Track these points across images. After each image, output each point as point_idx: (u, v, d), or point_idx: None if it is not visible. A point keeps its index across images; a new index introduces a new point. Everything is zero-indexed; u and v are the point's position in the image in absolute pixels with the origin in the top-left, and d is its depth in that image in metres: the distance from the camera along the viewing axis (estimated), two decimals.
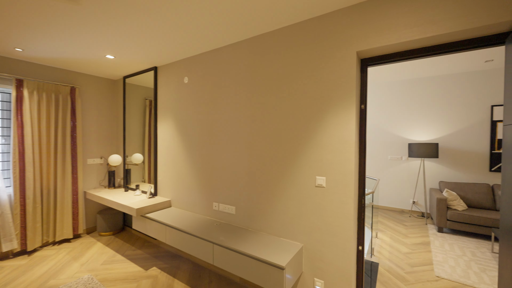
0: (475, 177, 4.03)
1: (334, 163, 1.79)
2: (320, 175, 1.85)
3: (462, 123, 4.14)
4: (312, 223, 1.90)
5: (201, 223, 2.44)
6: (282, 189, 2.06)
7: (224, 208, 2.46)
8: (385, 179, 4.90)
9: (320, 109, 1.85)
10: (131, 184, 3.61)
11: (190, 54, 2.72)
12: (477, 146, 4.01)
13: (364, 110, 1.83)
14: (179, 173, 2.90)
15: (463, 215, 3.45)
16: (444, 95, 4.28)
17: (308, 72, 1.91)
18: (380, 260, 2.80)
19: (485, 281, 2.36)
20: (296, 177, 1.98)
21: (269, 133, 2.13)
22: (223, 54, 2.46)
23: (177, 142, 2.93)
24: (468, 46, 1.48)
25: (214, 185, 2.55)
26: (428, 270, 2.58)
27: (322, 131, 1.84)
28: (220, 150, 2.49)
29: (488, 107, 3.94)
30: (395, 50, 1.68)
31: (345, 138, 1.74)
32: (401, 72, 4.22)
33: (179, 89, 2.90)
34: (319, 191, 1.86)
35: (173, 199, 2.99)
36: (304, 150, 1.93)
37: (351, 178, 1.71)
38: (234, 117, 2.37)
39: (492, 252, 2.99)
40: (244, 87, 2.30)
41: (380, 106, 4.93)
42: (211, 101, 2.57)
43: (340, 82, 1.76)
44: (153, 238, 3.12)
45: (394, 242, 3.34)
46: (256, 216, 2.23)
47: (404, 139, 4.69)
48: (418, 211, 4.58)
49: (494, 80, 3.88)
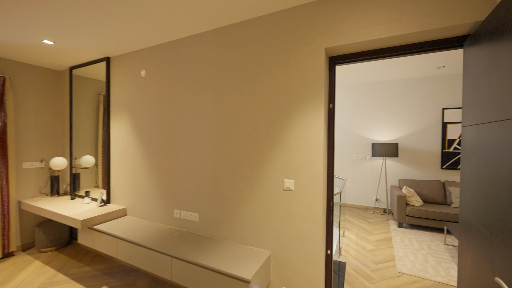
0: (429, 174, 4.36)
1: (302, 165, 1.69)
2: (288, 177, 1.74)
3: (418, 125, 4.45)
4: (280, 229, 1.78)
5: (160, 233, 2.18)
6: (249, 193, 1.91)
7: (187, 215, 2.23)
8: (351, 178, 5.07)
9: (288, 108, 1.74)
10: (80, 191, 3.15)
11: (148, 44, 2.43)
12: (431, 145, 4.35)
13: (333, 110, 1.77)
14: (136, 177, 2.59)
15: (420, 210, 3.69)
16: (403, 98, 4.56)
17: (276, 68, 1.79)
18: (348, 260, 2.83)
19: (440, 273, 2.50)
20: (264, 180, 1.85)
21: (236, 133, 1.97)
22: (185, 45, 2.23)
23: (133, 143, 2.61)
24: (430, 48, 1.50)
25: (176, 191, 2.31)
26: (391, 266, 2.67)
27: (290, 131, 1.74)
28: (182, 151, 2.26)
29: (440, 110, 4.28)
30: (363, 49, 1.65)
31: (313, 139, 1.66)
32: (365, 75, 4.39)
33: (135, 83, 2.59)
34: (287, 194, 1.75)
35: (129, 207, 2.66)
36: (272, 151, 1.81)
37: (320, 180, 1.64)
38: (198, 115, 2.16)
39: (445, 244, 3.23)
40: (208, 83, 2.10)
41: (346, 107, 5.10)
42: (172, 97, 2.32)
43: (308, 79, 1.67)
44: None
45: (359, 239, 3.42)
46: (222, 223, 2.05)
47: (368, 139, 4.90)
48: (381, 208, 4.82)
49: (445, 85, 4.23)
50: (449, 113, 4.19)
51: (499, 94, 1.01)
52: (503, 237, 0.93)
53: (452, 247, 3.14)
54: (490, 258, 1.01)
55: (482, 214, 1.12)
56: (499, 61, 1.02)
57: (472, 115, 1.27)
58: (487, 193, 1.08)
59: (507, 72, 0.96)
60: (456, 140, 4.15)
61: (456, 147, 4.15)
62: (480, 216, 1.14)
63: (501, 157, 0.97)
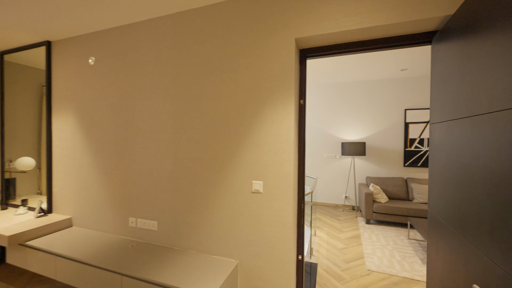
0: (393, 171, 4.58)
1: (271, 165, 1.56)
2: (257, 179, 1.59)
3: (383, 124, 4.65)
4: (248, 236, 1.63)
5: (111, 246, 1.88)
6: (214, 197, 1.72)
7: (144, 224, 1.97)
8: (322, 176, 5.13)
9: (256, 103, 1.59)
10: (15, 199, 2.66)
11: (98, 28, 2.10)
12: (395, 144, 4.56)
13: (303, 106, 1.66)
14: (84, 182, 2.23)
15: (385, 206, 3.82)
16: (370, 98, 4.73)
17: (243, 59, 1.63)
18: (319, 260, 2.78)
19: (406, 268, 2.57)
20: (230, 182, 1.67)
21: (199, 130, 1.76)
22: (141, 30, 1.96)
23: (80, 142, 2.25)
24: (399, 43, 1.46)
25: (131, 196, 2.02)
26: (360, 264, 2.68)
27: (258, 128, 1.59)
28: (138, 151, 1.98)
29: (402, 110, 4.51)
30: (334, 42, 1.56)
31: (283, 136, 1.53)
32: (335, 75, 4.45)
33: (82, 73, 2.23)
34: (256, 197, 1.60)
35: (75, 216, 2.29)
36: (239, 150, 1.64)
37: (290, 181, 1.51)
38: (156, 110, 1.91)
39: (408, 238, 3.37)
40: (168, 74, 1.86)
41: (318, 106, 5.14)
42: (126, 89, 2.03)
43: (278, 72, 1.54)
44: None
45: (330, 238, 3.42)
46: (184, 231, 1.83)
47: (338, 139, 5.00)
48: (350, 205, 4.95)
49: (408, 87, 4.47)
50: (411, 114, 4.44)
51: (472, 89, 0.97)
52: (477, 237, 0.89)
53: (415, 241, 3.29)
54: (463, 261, 0.97)
55: (454, 213, 1.09)
56: (472, 57, 0.98)
57: (442, 112, 1.25)
58: (459, 191, 1.04)
59: (481, 67, 0.92)
60: (416, 139, 4.41)
61: (417, 146, 4.40)
62: (452, 215, 1.11)
63: (474, 153, 0.93)
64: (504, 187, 0.75)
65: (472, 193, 0.93)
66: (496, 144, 0.80)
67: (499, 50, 0.80)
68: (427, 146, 4.34)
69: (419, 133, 4.39)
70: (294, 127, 1.55)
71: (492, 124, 0.82)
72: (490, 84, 0.85)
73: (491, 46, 0.84)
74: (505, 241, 0.74)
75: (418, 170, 4.44)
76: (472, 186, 0.93)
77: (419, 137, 4.39)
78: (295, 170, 1.60)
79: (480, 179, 0.88)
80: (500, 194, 0.77)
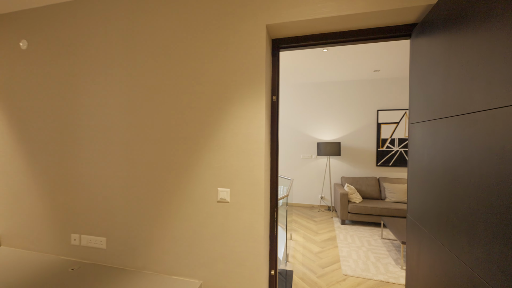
0: (367, 171, 4.64)
1: (240, 170, 1.36)
2: (223, 186, 1.38)
3: (357, 125, 4.69)
4: (214, 252, 1.41)
5: (47, 270, 1.54)
6: (175, 208, 1.47)
7: (89, 241, 1.65)
8: (298, 177, 5.06)
9: (222, 99, 1.38)
10: None
11: (32, 4, 1.73)
12: (368, 144, 4.63)
13: (276, 103, 1.49)
14: (15, 192, 1.84)
15: (360, 206, 3.83)
16: (344, 98, 4.75)
17: (209, 48, 1.40)
18: (295, 267, 2.65)
19: (381, 271, 2.53)
20: (193, 190, 1.44)
21: (156, 130, 1.50)
22: (86, 8, 1.64)
23: (10, 144, 1.85)
24: (378, 36, 1.35)
25: (74, 208, 1.69)
26: (336, 269, 2.59)
27: (225, 127, 1.38)
28: (83, 155, 1.66)
29: (375, 111, 4.59)
30: (309, 32, 1.41)
31: (253, 137, 1.33)
32: (310, 75, 4.39)
33: (12, 59, 1.83)
34: (223, 207, 1.39)
35: (4, 234, 1.88)
36: (203, 153, 1.42)
37: (261, 188, 1.33)
38: (105, 105, 1.61)
39: (381, 238, 3.39)
40: (119, 62, 1.57)
41: (294, 106, 5.06)
42: (67, 80, 1.69)
43: (247, 64, 1.34)
44: None
45: (306, 241, 3.32)
46: (138, 248, 1.55)
47: (314, 139, 4.96)
48: (325, 205, 4.94)
49: (380, 88, 4.56)
50: (383, 114, 4.53)
51: (461, 85, 0.85)
52: (471, 246, 0.77)
53: (388, 241, 3.31)
54: (447, 272, 0.85)
55: (437, 217, 0.98)
56: (461, 49, 0.87)
57: (424, 111, 1.14)
58: (445, 194, 0.93)
59: (470, 62, 0.81)
60: (388, 139, 4.51)
61: (389, 146, 4.50)
62: (434, 220, 1.00)
63: (459, 151, 0.81)
64: (504, 190, 0.63)
65: (461, 197, 0.82)
66: (494, 144, 0.68)
67: (498, 39, 0.68)
68: (398, 146, 4.46)
69: (390, 134, 4.50)
70: (266, 126, 1.37)
71: (489, 122, 0.70)
72: (485, 79, 0.73)
73: (487, 36, 0.73)
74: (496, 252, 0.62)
75: (390, 170, 4.55)
76: (462, 190, 0.82)
77: (390, 137, 4.50)
78: (267, 175, 1.42)
79: (474, 183, 0.76)
80: (494, 197, 0.65)
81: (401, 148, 4.44)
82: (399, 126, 4.46)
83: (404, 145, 4.43)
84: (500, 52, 0.68)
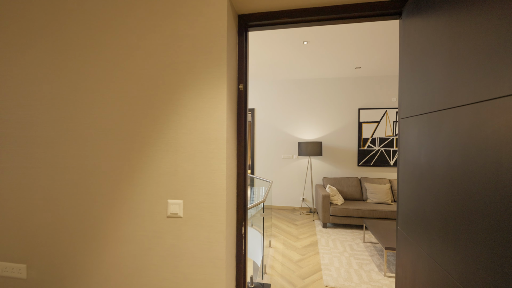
0: (348, 171, 4.53)
1: (195, 176, 1.07)
2: (175, 197, 1.09)
3: (338, 124, 4.56)
4: (163, 281, 1.11)
5: None
6: (114, 226, 1.15)
7: (4, 268, 1.27)
8: (279, 178, 4.84)
9: (173, 86, 1.08)
10: None
11: None
12: (349, 144, 4.52)
13: (244, 93, 1.22)
14: None
15: (342, 209, 3.68)
16: (325, 97, 4.60)
17: (153, 20, 1.10)
18: (272, 279, 2.40)
19: (364, 279, 2.35)
20: (136, 202, 1.13)
21: (89, 125, 1.17)
22: None
23: None
24: (363, 13, 1.12)
25: None
26: (318, 280, 2.38)
27: (176, 122, 1.08)
28: None
29: (356, 110, 4.49)
30: (283, 6, 1.15)
31: (212, 135, 1.05)
32: (291, 72, 4.18)
33: None
34: (174, 224, 1.09)
35: None
36: (149, 155, 1.11)
37: (222, 199, 1.05)
38: (21, 92, 1.24)
39: (364, 242, 3.24)
40: (41, 37, 1.21)
41: (275, 104, 4.83)
42: None
43: (204, 42, 1.05)
44: None
45: (286, 248, 3.09)
46: (67, 278, 1.21)
47: (295, 138, 4.76)
48: (307, 207, 4.76)
49: (361, 86, 4.46)
50: (364, 113, 4.43)
51: (476, 68, 0.63)
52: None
53: (370, 244, 3.18)
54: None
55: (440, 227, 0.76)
56: (475, 26, 0.65)
57: (418, 104, 0.93)
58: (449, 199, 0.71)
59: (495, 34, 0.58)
60: (369, 138, 4.42)
61: (370, 145, 4.42)
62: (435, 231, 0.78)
63: (472, 147, 0.59)
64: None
65: (469, 203, 0.60)
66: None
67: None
68: (379, 146, 4.39)
69: (372, 133, 4.41)
70: (230, 122, 1.09)
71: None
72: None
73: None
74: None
75: (371, 170, 4.46)
76: (472, 194, 0.60)
77: (371, 137, 4.41)
78: (232, 182, 1.14)
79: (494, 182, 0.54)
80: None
81: (382, 147, 4.37)
82: (379, 125, 4.38)
83: (385, 144, 4.36)
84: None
